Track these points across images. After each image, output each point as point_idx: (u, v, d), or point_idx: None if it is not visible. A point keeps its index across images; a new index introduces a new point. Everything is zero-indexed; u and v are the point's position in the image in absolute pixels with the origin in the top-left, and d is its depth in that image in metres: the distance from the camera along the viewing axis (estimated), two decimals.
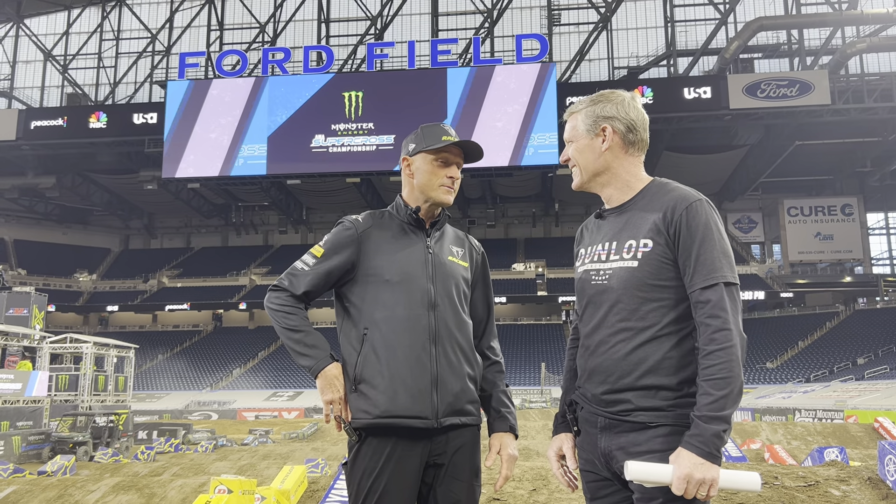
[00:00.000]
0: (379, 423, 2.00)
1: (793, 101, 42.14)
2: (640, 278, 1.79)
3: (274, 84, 45.39)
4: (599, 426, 1.84)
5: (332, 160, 44.83)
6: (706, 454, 1.63)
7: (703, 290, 1.72)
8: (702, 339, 1.71)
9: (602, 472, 1.85)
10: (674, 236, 1.78)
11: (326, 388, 2.07)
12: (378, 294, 2.09)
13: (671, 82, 45.13)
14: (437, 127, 2.24)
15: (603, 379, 1.82)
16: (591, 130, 1.95)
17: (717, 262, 1.74)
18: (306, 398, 40.36)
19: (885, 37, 44.43)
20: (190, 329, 55.67)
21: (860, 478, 5.42)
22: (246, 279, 56.88)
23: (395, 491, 1.99)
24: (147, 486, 8.38)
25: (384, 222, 2.20)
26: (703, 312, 1.71)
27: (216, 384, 44.75)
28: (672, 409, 1.74)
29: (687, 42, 49.12)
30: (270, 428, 26.30)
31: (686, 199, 1.81)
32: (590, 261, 1.94)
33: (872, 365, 36.24)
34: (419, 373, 2.02)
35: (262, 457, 12.97)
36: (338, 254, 2.14)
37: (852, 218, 54.11)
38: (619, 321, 1.81)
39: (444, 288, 2.12)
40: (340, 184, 50.34)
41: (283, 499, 7.23)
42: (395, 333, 2.05)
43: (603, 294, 1.86)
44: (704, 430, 1.64)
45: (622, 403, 1.78)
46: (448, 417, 2.04)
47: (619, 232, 1.89)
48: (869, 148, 48.20)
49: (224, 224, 62.29)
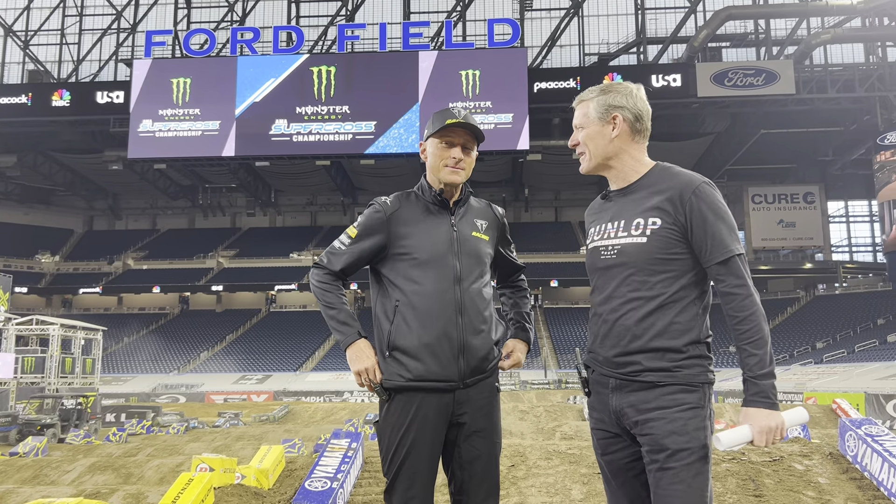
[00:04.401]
0: (411, 386, 2.19)
1: (759, 90, 42.84)
2: (650, 252, 1.97)
3: (243, 64, 44.78)
4: (611, 387, 2.00)
5: (300, 142, 44.47)
6: (770, 405, 1.86)
7: (720, 264, 1.92)
8: (732, 307, 1.90)
9: (612, 428, 2.02)
10: (685, 217, 1.95)
11: (355, 360, 2.23)
12: (408, 270, 2.26)
13: (641, 69, 45.49)
14: (446, 111, 2.37)
15: (615, 343, 1.98)
16: (602, 118, 2.11)
17: (728, 238, 1.95)
18: (275, 381, 40.26)
19: (849, 28, 45.31)
20: (156, 312, 55.00)
21: (822, 453, 5.69)
22: (213, 262, 56.30)
23: (421, 444, 2.18)
24: (124, 467, 8.39)
25: (411, 203, 2.37)
26: (728, 283, 1.91)
27: (183, 367, 44.37)
28: (678, 370, 1.92)
29: (657, 30, 49.54)
30: (239, 411, 26.23)
31: (693, 181, 2.00)
32: (598, 238, 2.10)
33: (831, 349, 37.28)
34: (447, 342, 2.20)
35: (235, 438, 13.00)
36: (370, 235, 2.31)
37: (814, 206, 55.35)
38: (630, 291, 1.98)
39: (468, 263, 2.29)
40: (310, 166, 49.95)
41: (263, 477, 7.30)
42: (424, 306, 2.22)
43: (613, 267, 2.02)
44: (762, 386, 1.88)
45: (632, 365, 1.95)
46: (470, 377, 2.24)
47: (625, 211, 2.06)
48: (831, 137, 49.28)
49: (191, 206, 61.45)
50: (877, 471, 5.11)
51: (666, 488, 1.87)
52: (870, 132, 44.92)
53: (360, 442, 5.71)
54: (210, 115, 44.41)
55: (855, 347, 35.96)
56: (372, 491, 5.37)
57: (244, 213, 63.03)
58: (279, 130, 44.14)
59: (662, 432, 1.89)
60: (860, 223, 60.42)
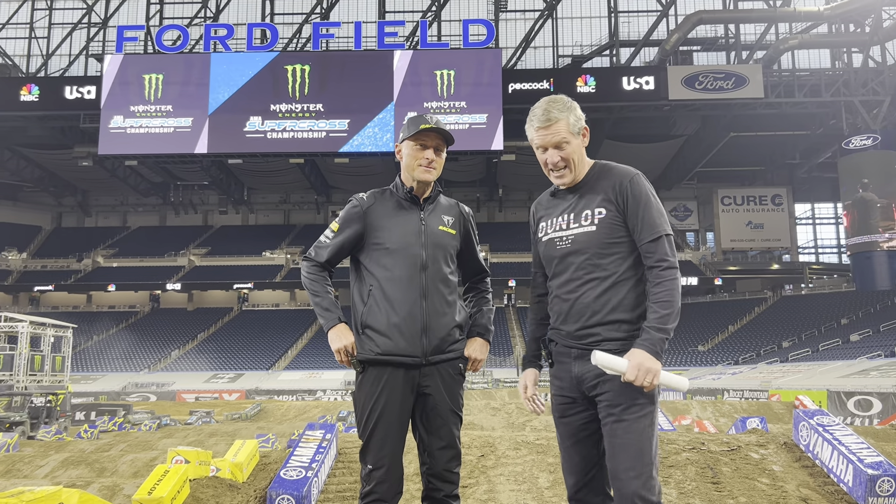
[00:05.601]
0: (379, 359, 2.47)
1: (728, 94, 43.63)
2: (599, 238, 2.29)
3: (216, 61, 44.50)
4: (573, 356, 2.31)
5: (274, 140, 44.31)
6: (653, 352, 2.15)
7: (650, 242, 2.24)
8: (652, 276, 2.22)
9: (572, 393, 2.33)
10: (623, 204, 2.28)
11: (335, 339, 2.50)
12: (380, 258, 2.53)
13: (613, 72, 46.06)
14: (420, 118, 2.62)
15: (577, 319, 2.29)
16: (577, 133, 2.38)
17: (657, 220, 2.27)
18: (247, 380, 40.09)
19: (816, 34, 46.32)
20: (126, 310, 54.39)
21: (777, 443, 5.95)
22: (185, 259, 55.81)
23: (391, 410, 2.47)
24: (97, 461, 8.43)
25: (385, 199, 2.64)
26: (653, 258, 2.23)
27: (154, 366, 43.96)
28: (630, 339, 2.24)
29: (629, 33, 50.15)
30: (212, 409, 26.11)
31: (627, 174, 2.34)
32: (552, 231, 2.40)
33: (796, 348, 38.07)
34: (412, 322, 2.48)
35: (208, 434, 13.03)
36: (349, 227, 2.59)
37: (781, 208, 56.47)
38: (586, 273, 2.29)
39: (433, 253, 2.56)
40: (284, 164, 49.79)
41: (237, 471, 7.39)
42: (393, 290, 2.49)
43: (570, 255, 2.32)
44: (653, 335, 2.17)
45: (593, 336, 2.27)
46: (434, 356, 2.51)
47: (574, 206, 2.36)
48: (798, 141, 50.33)
49: (162, 203, 60.87)
50: (827, 458, 5.38)
51: (621, 436, 2.20)
52: (835, 136, 45.95)
53: (335, 434, 5.85)
54: (183, 111, 44.06)
55: (819, 346, 36.78)
56: (346, 480, 5.51)
57: (216, 211, 62.56)
58: (253, 127, 43.94)
59: (617, 389, 2.21)
60: (826, 225, 61.75)
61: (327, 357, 43.41)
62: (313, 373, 41.04)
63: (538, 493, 5.05)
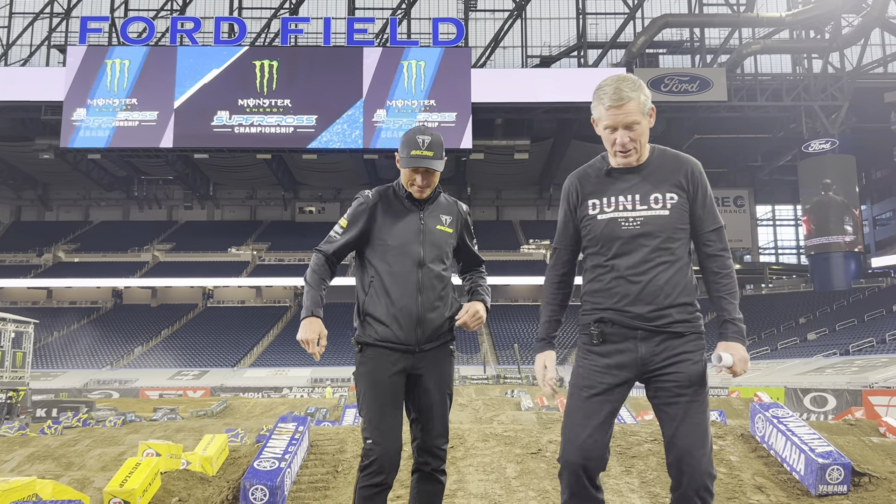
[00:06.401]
0: (378, 344, 2.67)
1: (693, 97, 44.45)
2: (672, 223, 2.36)
3: (183, 55, 43.97)
4: (639, 337, 2.35)
5: (241, 135, 43.93)
6: (744, 342, 2.38)
7: (713, 231, 2.39)
8: (718, 265, 2.37)
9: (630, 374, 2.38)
10: (693, 191, 2.39)
11: (301, 331, 2.66)
12: (382, 253, 2.72)
13: (581, 73, 46.57)
14: (413, 139, 2.74)
15: (650, 300, 2.34)
16: (646, 114, 2.41)
17: (717, 211, 2.43)
18: (212, 377, 39.71)
19: (778, 40, 47.39)
20: (88, 306, 53.43)
21: (734, 434, 6.20)
22: (149, 255, 55.04)
23: (386, 389, 2.67)
24: (64, 456, 8.39)
25: (389, 197, 2.81)
26: (716, 246, 2.37)
27: (117, 362, 43.30)
28: (694, 321, 2.38)
29: (597, 34, 50.74)
30: (176, 406, 25.85)
31: (696, 163, 2.46)
32: (612, 210, 2.41)
33: (755, 346, 38.95)
34: (407, 314, 2.67)
35: (175, 430, 12.94)
36: (356, 223, 2.77)
37: (743, 209, 57.65)
38: (658, 256, 2.35)
39: (431, 251, 2.74)
40: (250, 159, 49.38)
41: (207, 464, 7.41)
42: (392, 283, 2.69)
43: (640, 237, 2.36)
44: (740, 327, 2.36)
45: (665, 318, 2.34)
46: (426, 343, 2.71)
47: (638, 187, 2.41)
48: (760, 144, 51.46)
49: (125, 197, 59.95)
50: (781, 449, 5.63)
51: (695, 416, 2.33)
52: (795, 140, 47.09)
53: (307, 426, 5.94)
54: (148, 105, 43.45)
55: (778, 345, 37.71)
56: (318, 472, 5.61)
57: (181, 206, 61.79)
58: (221, 122, 43.51)
59: (692, 372, 2.35)
60: (786, 227, 63.17)
61: (294, 354, 43.19)
62: (279, 370, 40.82)
63: (506, 483, 5.20)
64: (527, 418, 10.69)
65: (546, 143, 50.90)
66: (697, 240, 2.42)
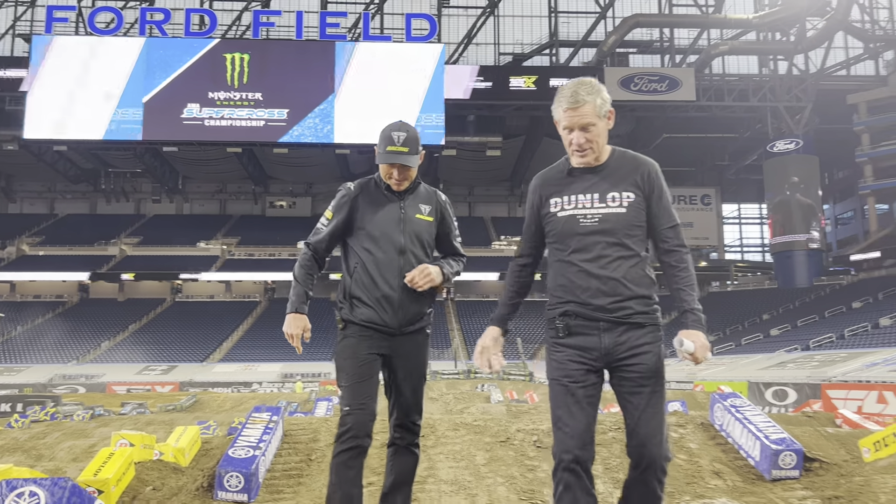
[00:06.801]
0: (361, 324, 2.83)
1: (662, 96, 45.09)
2: (628, 220, 2.49)
3: (152, 46, 43.45)
4: (602, 329, 2.47)
5: (211, 128, 43.55)
6: (705, 330, 2.47)
7: (669, 228, 2.54)
8: (676, 259, 2.52)
9: (597, 363, 2.49)
10: (648, 191, 2.52)
11: (286, 325, 2.84)
12: (364, 241, 2.87)
13: (553, 71, 46.96)
14: (389, 135, 2.87)
15: (609, 293, 2.46)
16: (603, 116, 2.53)
17: (673, 209, 2.58)
18: (181, 372, 39.37)
19: (745, 41, 48.26)
20: (53, 300, 52.50)
21: (694, 423, 6.46)
22: (116, 249, 54.25)
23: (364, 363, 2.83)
24: (34, 448, 8.38)
25: (370, 189, 2.95)
26: (673, 242, 2.53)
27: (83, 357, 42.69)
28: (652, 313, 2.50)
29: (569, 33, 51.15)
30: (144, 401, 25.65)
31: (652, 164, 2.57)
32: (572, 207, 2.54)
33: (720, 342, 39.68)
34: (389, 299, 2.83)
35: (145, 423, 12.90)
36: (340, 214, 2.91)
37: (710, 208, 58.62)
38: (615, 251, 2.48)
39: (411, 239, 2.89)
40: (220, 153, 48.97)
41: (180, 455, 7.48)
42: (374, 269, 2.84)
43: (597, 233, 2.49)
44: (699, 316, 2.47)
45: (625, 310, 2.46)
46: (406, 327, 2.88)
47: (597, 186, 2.54)
48: (727, 143, 52.37)
49: (92, 190, 58.98)
50: (738, 436, 5.89)
51: (655, 405, 2.46)
52: (761, 140, 48.02)
53: (281, 416, 6.04)
54: (118, 95, 42.81)
55: (742, 340, 38.45)
56: (291, 460, 5.73)
57: (149, 200, 60.97)
58: (191, 115, 43.08)
59: (652, 363, 2.46)
60: (751, 225, 64.37)
61: (264, 349, 42.97)
62: (249, 365, 40.60)
63: (475, 470, 5.38)
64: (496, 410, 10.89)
65: (518, 141, 51.22)
66: (655, 236, 2.55)
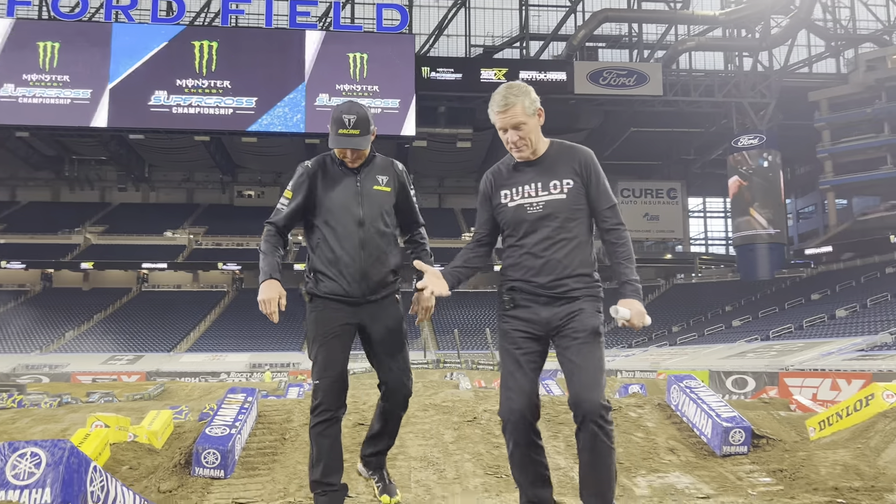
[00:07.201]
0: (326, 296, 2.94)
1: (630, 90, 45.69)
2: (568, 205, 2.76)
3: (118, 32, 42.80)
4: (542, 303, 2.76)
5: (179, 116, 43.09)
6: (641, 299, 2.75)
7: (608, 209, 2.79)
8: (614, 236, 2.78)
9: (538, 332, 2.78)
10: (586, 176, 2.78)
11: (262, 291, 2.88)
12: (324, 216, 2.97)
13: (523, 63, 47.28)
14: (339, 118, 2.96)
15: (549, 272, 2.75)
16: (533, 114, 2.79)
17: (610, 191, 2.83)
18: (148, 362, 39.07)
19: (711, 37, 49.05)
20: (15, 289, 51.57)
21: (652, 404, 6.78)
22: (80, 237, 53.42)
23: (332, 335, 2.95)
24: (5, 433, 8.44)
25: (326, 165, 3.05)
26: (611, 221, 2.78)
27: (46, 347, 42.09)
28: (589, 288, 2.78)
29: (539, 26, 51.46)
30: (111, 391, 25.46)
31: (588, 152, 2.87)
32: (520, 198, 2.81)
33: (684, 332, 40.56)
34: (352, 270, 2.94)
35: (114, 410, 12.92)
36: (300, 192, 2.99)
37: (676, 201, 59.63)
38: (558, 234, 2.75)
39: (370, 210, 2.99)
40: (188, 141, 48.45)
41: (154, 438, 7.61)
42: (335, 242, 2.95)
43: (542, 219, 2.76)
44: (637, 287, 2.76)
45: (563, 286, 2.75)
46: (371, 295, 2.98)
47: (539, 177, 2.80)
48: (693, 138, 53.24)
49: (55, 178, 57.91)
50: (692, 415, 6.22)
51: (588, 358, 2.68)
52: (726, 135, 48.95)
53: (255, 397, 6.22)
54: (81, 82, 42.19)
55: (705, 331, 39.33)
56: (266, 439, 5.91)
57: (115, 188, 60.09)
58: (158, 102, 42.55)
59: (586, 323, 2.71)
60: (715, 218, 65.57)
61: (232, 339, 42.82)
62: (217, 355, 40.42)
63: (444, 447, 5.62)
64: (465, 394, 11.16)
65: (489, 133, 51.24)
66: (596, 217, 2.82)
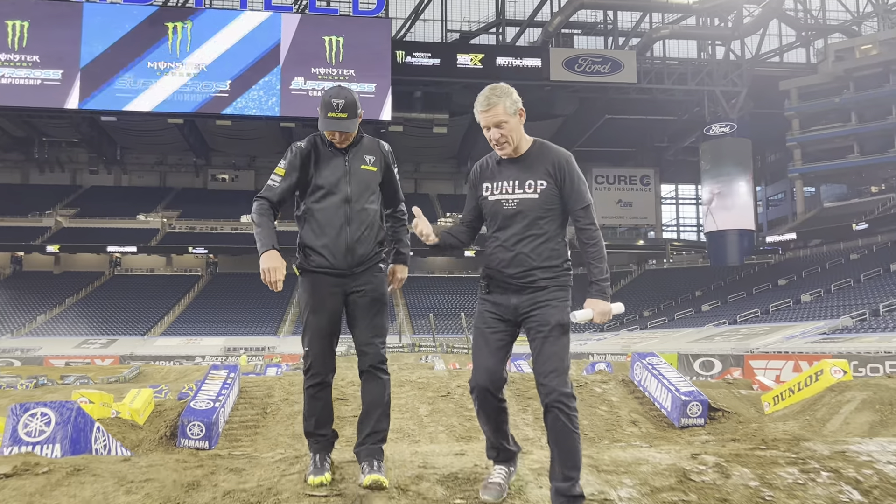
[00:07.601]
0: (314, 270, 3.14)
1: (605, 78, 46.09)
2: (540, 204, 2.96)
3: (90, 12, 42.18)
4: (512, 291, 2.99)
5: (152, 97, 42.65)
6: (606, 298, 2.94)
7: (581, 209, 2.96)
8: (587, 236, 2.95)
9: (507, 316, 3.00)
10: (560, 179, 2.96)
11: (264, 260, 3.03)
12: (314, 193, 3.16)
13: (499, 50, 47.42)
14: (329, 102, 3.14)
15: (518, 265, 2.97)
16: (514, 113, 2.99)
17: (585, 192, 2.98)
18: (121, 346, 38.90)
19: (685, 26, 49.57)
20: None
21: (616, 380, 7.14)
22: (51, 220, 52.79)
23: (322, 308, 3.14)
24: None
25: (317, 145, 3.22)
26: (584, 221, 2.95)
27: (18, 331, 41.67)
28: (556, 278, 2.97)
29: (515, 12, 51.57)
30: (85, 374, 25.40)
31: (565, 155, 3.02)
32: (499, 193, 3.03)
33: (655, 317, 41.31)
34: (339, 244, 3.13)
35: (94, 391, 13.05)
36: (293, 171, 3.17)
37: (649, 188, 60.36)
38: (528, 231, 2.97)
39: (357, 188, 3.18)
40: (161, 124, 48.00)
41: (136, 415, 7.80)
42: (323, 218, 3.13)
43: (515, 215, 2.98)
44: (602, 286, 2.94)
45: (530, 277, 2.96)
46: (357, 267, 3.18)
47: (518, 175, 3.01)
48: (666, 126, 53.85)
49: (24, 160, 57.06)
50: (653, 390, 6.58)
51: (554, 346, 2.89)
52: (698, 123, 49.62)
53: (237, 373, 6.46)
54: (51, 63, 41.58)
55: (675, 315, 40.10)
56: (248, 413, 6.17)
57: (86, 170, 59.38)
58: (131, 84, 42.09)
59: (552, 314, 2.91)
60: (687, 205, 66.43)
61: (206, 323, 42.74)
62: (191, 339, 40.35)
63: (419, 420, 5.93)
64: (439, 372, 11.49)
65: (465, 118, 51.47)
66: (571, 216, 3.02)
